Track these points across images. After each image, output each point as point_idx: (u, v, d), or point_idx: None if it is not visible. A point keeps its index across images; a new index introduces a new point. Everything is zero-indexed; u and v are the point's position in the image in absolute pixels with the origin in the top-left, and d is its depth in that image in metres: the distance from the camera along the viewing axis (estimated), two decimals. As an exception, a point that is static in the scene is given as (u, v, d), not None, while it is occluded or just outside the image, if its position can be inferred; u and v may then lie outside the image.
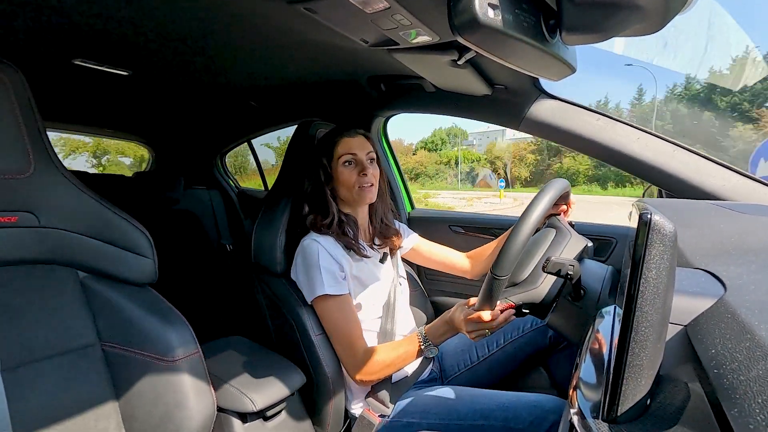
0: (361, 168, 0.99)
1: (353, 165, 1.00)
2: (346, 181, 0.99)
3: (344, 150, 0.99)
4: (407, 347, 0.90)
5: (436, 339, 0.88)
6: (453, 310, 0.85)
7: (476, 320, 0.77)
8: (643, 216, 0.33)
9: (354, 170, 0.99)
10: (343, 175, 0.99)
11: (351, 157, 0.99)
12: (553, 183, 0.78)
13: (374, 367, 0.91)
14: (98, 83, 1.33)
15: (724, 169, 0.94)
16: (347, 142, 1.00)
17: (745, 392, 0.26)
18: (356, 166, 1.00)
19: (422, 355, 0.90)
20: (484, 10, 0.52)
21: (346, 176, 0.99)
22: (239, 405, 0.86)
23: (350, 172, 0.99)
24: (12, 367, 0.61)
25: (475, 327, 0.79)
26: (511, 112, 1.14)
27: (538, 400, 0.85)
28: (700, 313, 0.39)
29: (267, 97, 1.54)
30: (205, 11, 0.82)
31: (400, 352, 0.90)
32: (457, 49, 0.87)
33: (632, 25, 0.59)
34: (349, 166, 1.00)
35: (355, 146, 1.00)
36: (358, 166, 1.00)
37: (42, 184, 0.65)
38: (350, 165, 1.00)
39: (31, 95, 0.64)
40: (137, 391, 0.70)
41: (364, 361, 0.91)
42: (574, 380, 0.50)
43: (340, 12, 0.71)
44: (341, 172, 0.99)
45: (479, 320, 0.77)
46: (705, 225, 0.65)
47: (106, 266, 0.72)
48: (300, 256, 0.98)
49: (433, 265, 1.24)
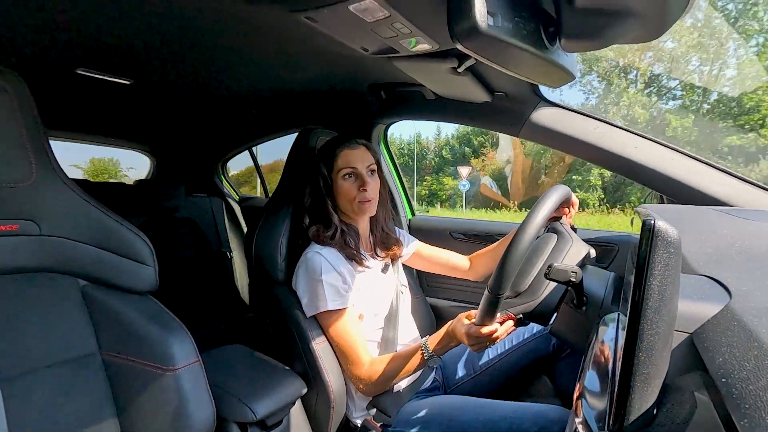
0: (361, 183, 0.98)
1: (353, 178, 0.99)
2: (346, 195, 0.99)
3: (344, 163, 0.99)
4: (410, 358, 0.89)
5: (439, 350, 0.87)
6: (454, 322, 0.85)
7: (476, 335, 0.77)
8: (646, 222, 0.33)
9: (354, 184, 0.99)
10: (343, 188, 0.99)
11: (351, 170, 0.98)
12: (552, 191, 0.76)
13: (378, 379, 0.90)
14: (100, 92, 1.34)
15: (726, 174, 0.93)
16: (347, 155, 0.99)
17: (755, 402, 0.26)
18: (356, 180, 0.99)
19: (425, 366, 0.89)
20: (483, 18, 0.52)
21: (345, 189, 0.99)
22: (240, 414, 0.85)
23: (350, 186, 0.99)
24: (11, 377, 0.61)
25: (475, 340, 0.79)
26: (511, 119, 1.14)
27: (542, 410, 0.84)
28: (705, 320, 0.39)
29: (268, 105, 1.55)
30: (206, 21, 0.82)
31: (404, 364, 0.89)
32: (456, 56, 0.88)
33: (631, 32, 0.59)
34: (349, 179, 0.99)
35: (356, 159, 0.99)
36: (358, 179, 0.99)
37: (44, 193, 0.65)
38: (350, 178, 0.99)
39: (34, 104, 0.64)
40: (137, 401, 0.69)
41: (368, 373, 0.91)
42: (579, 389, 0.49)
43: (340, 21, 0.71)
44: (341, 185, 0.99)
45: (479, 335, 0.77)
46: (708, 231, 0.64)
47: (107, 275, 0.72)
48: (302, 269, 0.97)
49: (435, 268, 1.23)
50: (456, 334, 0.84)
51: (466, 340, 0.80)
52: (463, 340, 0.82)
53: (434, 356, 0.88)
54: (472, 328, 0.78)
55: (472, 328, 0.78)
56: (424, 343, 0.89)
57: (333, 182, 1.00)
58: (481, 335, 0.76)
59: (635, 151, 0.99)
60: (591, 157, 1.06)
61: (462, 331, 0.81)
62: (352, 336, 0.93)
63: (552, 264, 0.71)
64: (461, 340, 0.83)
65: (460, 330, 0.82)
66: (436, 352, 0.88)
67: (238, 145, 2.26)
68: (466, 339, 0.80)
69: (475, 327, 0.77)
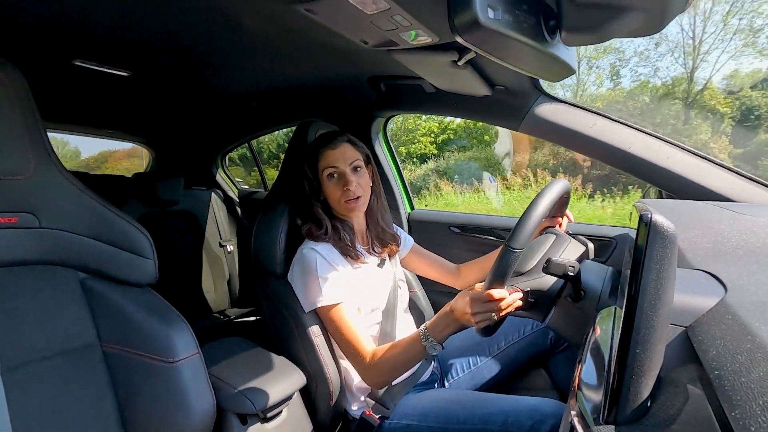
0: (345, 182, 0.97)
1: (336, 178, 0.99)
2: (332, 195, 0.99)
3: (326, 163, 0.98)
4: (411, 347, 0.87)
5: (439, 335, 0.84)
6: (454, 300, 0.81)
7: (484, 299, 0.73)
8: (643, 216, 0.33)
9: (338, 184, 0.98)
10: (329, 188, 0.99)
11: (333, 170, 0.98)
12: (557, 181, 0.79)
13: (383, 369, 0.89)
14: (98, 84, 1.33)
15: (724, 169, 0.94)
16: (328, 155, 0.98)
17: (747, 394, 0.26)
18: (339, 179, 0.98)
19: (426, 354, 0.86)
20: (484, 11, 0.52)
21: (331, 190, 0.99)
22: (239, 406, 0.86)
23: (334, 186, 0.98)
24: (12, 368, 0.61)
25: (481, 308, 0.74)
26: (511, 113, 1.14)
27: (538, 404, 0.85)
28: (700, 314, 0.39)
29: (267, 98, 1.54)
30: (205, 12, 0.82)
31: (406, 353, 0.88)
32: (456, 49, 0.87)
33: (632, 26, 0.59)
34: (333, 179, 0.99)
35: (337, 158, 0.98)
36: (342, 179, 0.98)
37: (42, 185, 0.65)
38: (333, 178, 0.99)
39: (31, 96, 0.64)
40: (137, 392, 0.70)
41: (371, 365, 0.90)
42: (575, 382, 0.50)
43: (340, 13, 0.71)
44: (326, 185, 0.99)
45: (488, 299, 0.73)
46: (705, 226, 0.65)
47: (106, 267, 0.72)
48: (298, 265, 0.97)
49: (426, 271, 1.22)
50: (456, 311, 0.79)
51: (470, 308, 0.75)
52: (465, 313, 0.77)
53: (434, 343, 0.84)
54: (478, 294, 0.74)
55: (478, 294, 0.74)
56: (422, 329, 0.87)
57: (320, 183, 1.00)
58: (490, 299, 0.73)
59: (635, 146, 0.99)
60: (591, 151, 1.06)
61: (465, 301, 0.76)
62: (351, 329, 0.93)
63: (550, 258, 0.72)
64: (461, 317, 0.79)
65: (461, 303, 0.78)
66: (435, 336, 0.84)
67: (237, 138, 2.25)
68: (469, 308, 0.75)
69: (482, 292, 0.74)
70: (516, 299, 0.75)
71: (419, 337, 0.86)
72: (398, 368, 0.90)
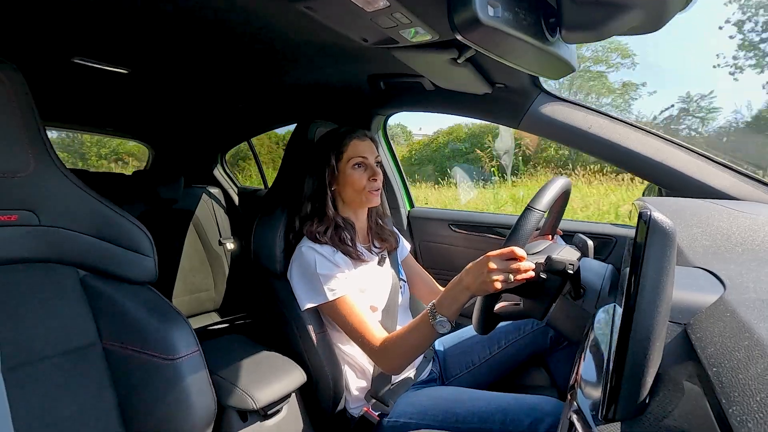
0: (372, 173, 1.00)
1: (363, 168, 1.01)
2: (356, 183, 1.00)
3: (355, 152, 1.00)
4: (420, 327, 0.84)
5: (447, 310, 0.80)
6: (465, 269, 0.78)
7: (506, 255, 0.71)
8: (643, 214, 0.33)
9: (364, 174, 1.00)
10: (353, 177, 1.00)
11: (361, 160, 1.00)
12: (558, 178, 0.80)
13: (395, 353, 0.88)
14: (97, 82, 1.33)
15: (724, 168, 0.94)
16: (357, 145, 1.01)
17: (744, 391, 0.26)
18: (366, 170, 1.01)
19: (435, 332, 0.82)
20: (483, 9, 0.51)
21: (355, 178, 1.00)
22: (240, 403, 0.86)
23: (360, 175, 1.00)
24: (13, 367, 0.61)
25: (501, 264, 0.71)
26: (511, 110, 1.14)
27: (537, 402, 0.85)
28: (699, 311, 0.39)
29: (267, 96, 1.53)
30: (204, 10, 0.82)
31: (416, 333, 0.85)
32: (456, 47, 0.87)
33: (632, 24, 0.59)
34: (359, 168, 1.00)
35: (366, 150, 1.01)
36: (369, 170, 1.01)
37: (42, 183, 0.65)
38: (360, 168, 1.00)
39: (30, 94, 0.64)
40: (138, 390, 0.70)
41: (383, 350, 0.89)
42: (574, 379, 0.50)
43: (339, 11, 0.71)
44: (350, 174, 1.00)
45: (509, 255, 0.71)
46: (704, 223, 0.65)
47: (107, 265, 0.72)
48: (296, 263, 0.97)
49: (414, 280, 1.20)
50: (470, 274, 0.75)
51: (488, 267, 0.72)
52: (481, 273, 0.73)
53: (443, 319, 0.80)
54: (498, 251, 0.72)
55: (498, 251, 0.72)
56: (429, 306, 0.83)
57: (340, 171, 1.01)
58: (512, 255, 0.70)
59: (635, 144, 0.99)
60: (591, 149, 1.06)
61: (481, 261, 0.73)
62: (359, 317, 0.92)
63: (550, 255, 0.72)
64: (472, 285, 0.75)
65: (476, 267, 0.74)
66: (443, 312, 0.80)
67: (237, 136, 2.25)
68: (486, 267, 0.72)
69: (502, 248, 0.71)
70: (531, 267, 0.72)
71: (427, 315, 0.83)
72: (409, 352, 0.88)
